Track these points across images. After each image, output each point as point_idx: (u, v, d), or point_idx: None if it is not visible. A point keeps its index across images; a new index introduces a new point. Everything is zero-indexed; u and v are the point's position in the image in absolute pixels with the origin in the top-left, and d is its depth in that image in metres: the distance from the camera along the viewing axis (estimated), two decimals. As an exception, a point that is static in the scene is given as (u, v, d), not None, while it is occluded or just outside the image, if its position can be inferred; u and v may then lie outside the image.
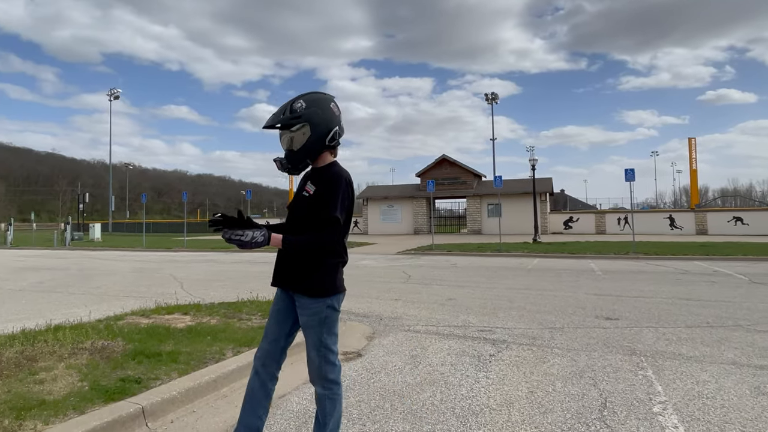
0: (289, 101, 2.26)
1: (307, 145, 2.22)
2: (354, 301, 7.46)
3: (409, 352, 4.59)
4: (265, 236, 2.07)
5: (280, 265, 2.31)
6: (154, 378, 3.42)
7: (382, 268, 12.62)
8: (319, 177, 2.25)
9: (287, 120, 2.21)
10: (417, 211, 35.43)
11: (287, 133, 2.23)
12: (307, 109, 2.22)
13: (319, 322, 2.22)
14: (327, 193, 2.18)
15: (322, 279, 2.21)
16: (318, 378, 2.27)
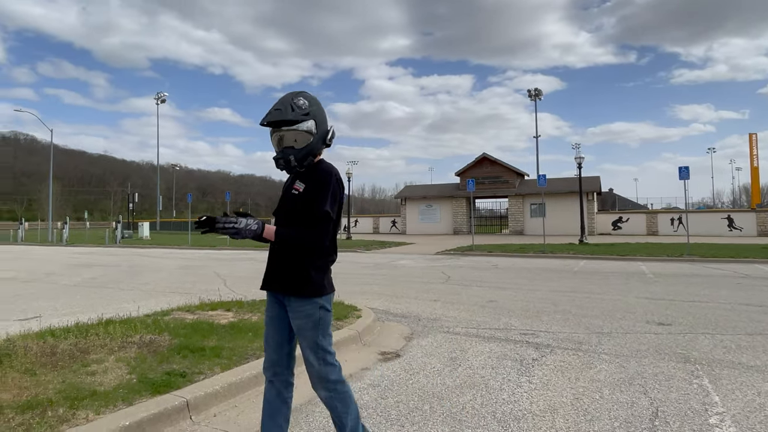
0: (288, 98, 2.20)
1: (313, 143, 2.20)
2: (391, 301, 7.47)
3: (449, 354, 4.55)
4: (259, 225, 2.07)
5: (271, 267, 2.27)
6: (198, 372, 3.55)
7: (420, 269, 12.58)
8: (309, 174, 2.22)
9: (298, 116, 2.16)
10: (456, 210, 35.09)
11: (291, 131, 2.17)
12: (312, 107, 2.20)
13: (313, 325, 2.18)
14: (317, 190, 2.16)
15: (312, 279, 2.18)
16: (319, 381, 2.21)
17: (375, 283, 9.66)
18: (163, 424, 2.88)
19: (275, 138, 2.22)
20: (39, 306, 7.31)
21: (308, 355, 2.20)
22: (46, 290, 9.17)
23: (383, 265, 13.74)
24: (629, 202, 54.24)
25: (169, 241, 28.56)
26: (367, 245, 21.25)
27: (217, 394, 3.27)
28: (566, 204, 30.65)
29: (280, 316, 2.29)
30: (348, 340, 4.78)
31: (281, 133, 2.19)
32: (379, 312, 6.51)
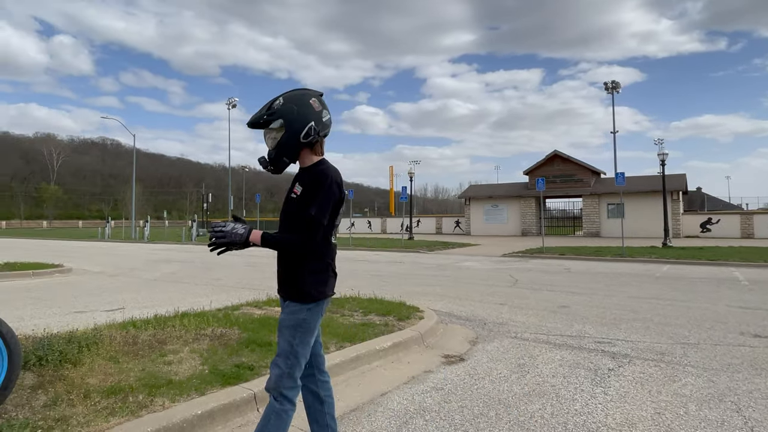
0: (271, 100, 2.24)
1: (282, 142, 2.17)
2: (455, 303, 7.38)
3: (516, 360, 4.42)
4: (246, 229, 2.08)
5: (277, 272, 2.28)
6: (265, 366, 3.70)
7: (485, 271, 12.32)
8: (305, 177, 2.21)
9: (261, 118, 2.18)
10: (525, 211, 34.01)
11: (269, 132, 2.20)
12: (283, 106, 2.18)
13: (294, 324, 2.13)
14: (309, 193, 2.14)
15: (303, 283, 2.14)
16: (274, 388, 2.10)
17: (437, 285, 9.59)
18: (233, 415, 3.04)
19: (265, 140, 2.25)
20: (123, 298, 7.98)
21: (278, 357, 2.13)
22: (130, 284, 9.99)
23: (446, 266, 13.61)
24: (720, 201, 49.83)
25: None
26: (430, 246, 21.15)
27: (282, 389, 3.39)
28: (647, 204, 28.74)
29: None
30: (410, 341, 4.78)
31: (265, 135, 2.23)
32: (442, 314, 6.46)
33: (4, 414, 2.71)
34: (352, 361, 4.05)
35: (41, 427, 2.58)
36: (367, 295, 7.07)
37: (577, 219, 34.98)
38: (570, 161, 33.54)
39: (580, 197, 33.12)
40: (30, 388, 3.08)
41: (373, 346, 4.39)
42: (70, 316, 6.34)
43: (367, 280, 10.41)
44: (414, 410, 3.25)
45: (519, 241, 26.29)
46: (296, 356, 2.12)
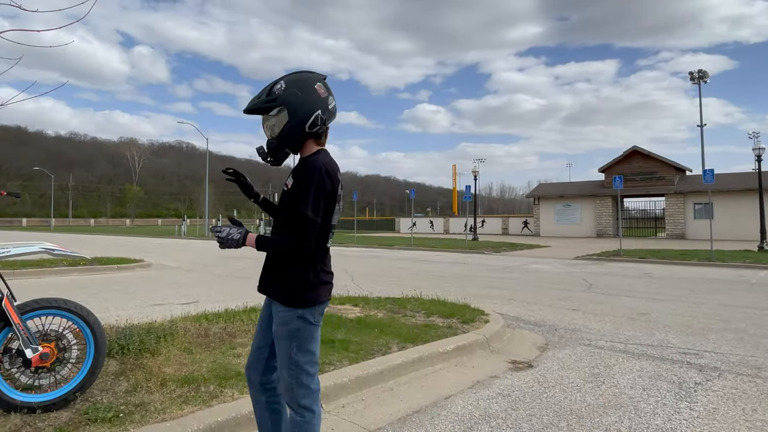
0: (267, 86, 2.07)
1: (284, 132, 2.01)
2: (523, 307, 7.15)
3: (590, 369, 4.20)
4: (241, 234, 1.98)
5: (263, 269, 2.16)
6: (328, 363, 3.79)
7: (556, 274, 11.85)
8: (298, 169, 2.06)
9: (262, 104, 2.02)
10: (600, 211, 32.34)
11: (268, 119, 2.04)
12: (285, 91, 2.00)
13: (288, 335, 2.00)
14: (299, 188, 1.97)
15: (294, 286, 2.00)
16: (290, 400, 2.03)
17: (504, 288, 9.35)
18: (296, 409, 3.12)
19: (263, 127, 2.10)
20: (197, 292, 8.49)
21: (281, 368, 2.04)
22: (203, 279, 10.61)
23: (513, 268, 13.24)
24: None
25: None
26: (495, 247, 20.67)
27: (345, 386, 3.45)
28: (740, 204, 26.36)
29: (268, 316, 2.16)
30: (475, 344, 4.69)
31: (264, 122, 2.07)
32: (508, 318, 6.28)
33: (91, 398, 2.97)
34: (414, 363, 4.04)
35: (123, 411, 2.79)
36: (429, 296, 7.03)
37: (659, 220, 32.75)
38: (651, 157, 31.47)
39: (662, 196, 31.00)
40: (113, 375, 3.35)
41: (436, 348, 4.35)
42: (150, 308, 6.83)
43: (429, 281, 10.36)
44: (479, 416, 3.19)
45: (593, 242, 25.05)
46: (298, 364, 1.99)
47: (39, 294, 3.41)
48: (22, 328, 2.75)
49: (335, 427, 3.00)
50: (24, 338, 2.75)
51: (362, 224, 50.81)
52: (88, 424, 2.62)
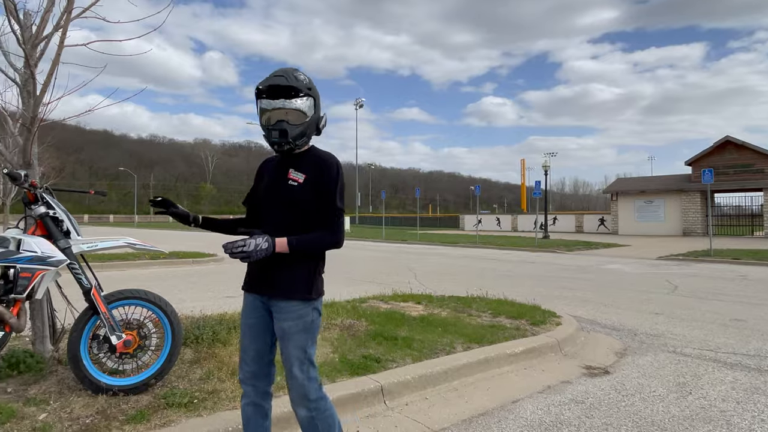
0: (288, 70, 2.01)
1: (309, 124, 2.02)
2: (598, 310, 6.81)
3: (675, 378, 3.92)
4: (269, 242, 1.88)
5: (258, 267, 2.06)
6: (391, 360, 3.81)
7: (636, 275, 11.18)
8: (311, 163, 2.04)
9: (302, 87, 1.97)
10: (687, 207, 30.08)
11: (286, 103, 1.96)
12: (312, 85, 2.04)
13: (304, 328, 2.00)
14: (328, 182, 1.99)
15: (310, 278, 2.02)
16: (302, 400, 2.00)
17: (577, 288, 8.95)
18: (361, 404, 3.18)
19: (267, 113, 2.01)
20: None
21: (293, 364, 1.99)
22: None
23: (588, 268, 12.64)
24: None
25: (366, 234, 31.44)
26: (568, 245, 19.84)
27: (408, 384, 3.46)
28: None
29: (262, 322, 2.10)
30: (545, 347, 4.53)
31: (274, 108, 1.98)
32: (583, 321, 6.01)
33: (168, 383, 3.18)
34: (480, 364, 3.96)
35: (197, 397, 2.96)
36: (495, 296, 6.87)
37: (756, 217, 29.89)
38: (746, 148, 28.79)
39: (760, 191, 28.25)
40: (188, 363, 3.57)
41: (504, 349, 4.24)
42: (222, 300, 7.21)
43: (496, 280, 10.13)
44: (550, 422, 3.07)
45: (679, 241, 23.36)
46: (310, 359, 2.02)
47: (123, 285, 3.70)
48: (108, 316, 3.00)
49: (399, 425, 3.01)
50: (110, 326, 3.00)
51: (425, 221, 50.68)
52: (166, 408, 2.81)
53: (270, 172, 2.15)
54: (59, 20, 3.27)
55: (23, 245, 2.82)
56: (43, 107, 3.44)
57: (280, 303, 2.02)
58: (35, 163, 3.55)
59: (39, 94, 3.31)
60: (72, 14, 3.25)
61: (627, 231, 32.15)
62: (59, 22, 3.27)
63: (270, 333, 2.10)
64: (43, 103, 3.39)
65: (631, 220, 32.47)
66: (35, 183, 3.04)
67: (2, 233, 2.90)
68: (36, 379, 3.14)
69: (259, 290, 2.07)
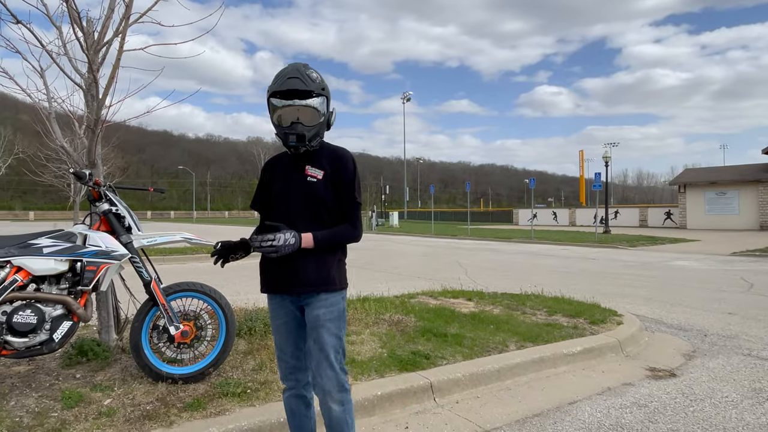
0: (301, 68, 1.99)
1: (323, 123, 2.04)
2: (664, 309, 6.47)
3: (750, 383, 3.66)
4: (296, 237, 1.94)
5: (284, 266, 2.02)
6: (441, 357, 3.78)
7: (707, 272, 10.52)
8: (327, 158, 2.07)
9: (317, 89, 1.98)
10: (765, 199, 27.96)
11: (299, 106, 1.97)
12: (323, 83, 2.02)
13: (338, 315, 2.05)
14: (347, 177, 2.05)
15: (339, 268, 2.09)
16: (337, 391, 1.99)
17: (640, 286, 8.53)
18: (410, 400, 3.17)
19: (279, 111, 2.00)
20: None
21: (329, 354, 1.99)
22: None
23: (653, 264, 12.02)
24: None
25: (415, 229, 31.41)
26: (631, 241, 18.94)
27: (458, 382, 3.42)
28: None
29: (292, 318, 2.11)
30: (605, 348, 4.35)
31: (286, 108, 1.99)
32: (646, 320, 5.72)
33: (223, 373, 3.31)
34: (535, 363, 3.86)
35: (250, 387, 3.07)
36: (551, 293, 6.67)
37: None
38: (838, 133, 26.36)
39: None
40: (242, 353, 3.70)
41: (560, 349, 4.11)
42: (273, 295, 7.42)
43: (552, 277, 9.84)
44: (609, 425, 2.95)
45: (755, 236, 21.77)
46: (343, 347, 2.08)
47: (182, 278, 3.88)
48: (167, 308, 3.16)
49: (449, 423, 2.98)
50: (168, 317, 3.15)
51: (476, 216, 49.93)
52: (221, 397, 2.93)
53: (283, 171, 2.14)
54: (118, 26, 3.46)
55: (89, 240, 3.01)
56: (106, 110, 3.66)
57: (320, 296, 2.04)
58: (99, 162, 3.78)
59: (101, 98, 3.52)
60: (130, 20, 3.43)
61: (696, 225, 30.32)
62: (118, 28, 3.45)
63: (303, 326, 2.12)
64: (105, 105, 3.60)
65: (700, 214, 30.58)
66: (99, 181, 3.23)
67: (70, 229, 3.11)
68: (102, 366, 3.36)
69: (287, 287, 2.06)
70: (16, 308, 2.77)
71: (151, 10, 3.59)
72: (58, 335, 2.83)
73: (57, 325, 2.83)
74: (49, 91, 4.09)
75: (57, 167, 12.63)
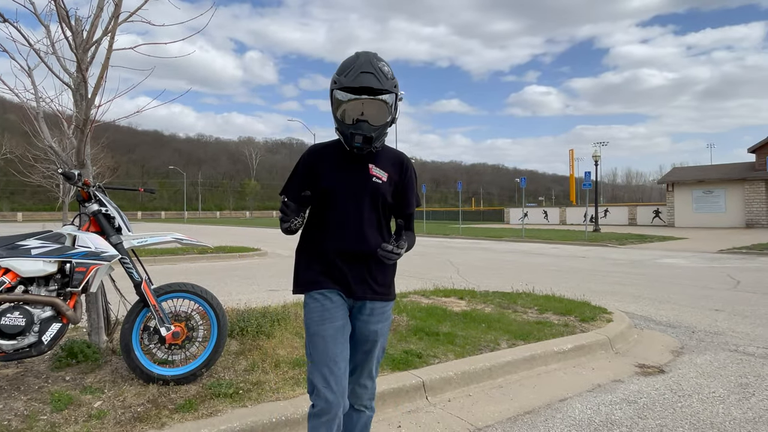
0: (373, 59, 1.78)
1: (390, 123, 1.87)
2: (653, 306, 6.53)
3: (737, 378, 3.71)
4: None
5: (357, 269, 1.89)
6: (433, 356, 3.79)
7: (695, 269, 10.64)
8: (388, 161, 1.96)
9: (391, 86, 1.78)
10: (750, 197, 28.32)
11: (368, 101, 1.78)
12: (395, 77, 1.83)
13: (389, 327, 2.04)
14: (410, 183, 1.99)
15: (393, 277, 2.02)
16: (370, 400, 2.02)
17: (630, 284, 8.60)
18: (402, 399, 3.17)
19: (342, 104, 1.81)
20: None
21: (374, 366, 2.00)
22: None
23: (642, 262, 12.13)
24: None
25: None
26: (620, 239, 19.10)
27: (450, 380, 3.43)
28: None
29: (346, 325, 1.91)
30: (595, 345, 4.38)
31: (354, 102, 1.79)
32: (635, 317, 5.77)
33: (215, 374, 3.29)
34: (526, 361, 3.88)
35: (242, 388, 3.05)
36: (542, 291, 6.71)
37: (833, 207, 27.79)
38: (821, 132, 26.75)
39: (837, 179, 26.25)
40: (234, 354, 3.68)
41: (551, 347, 4.13)
42: (265, 294, 7.39)
43: (543, 275, 9.89)
44: (600, 422, 2.97)
45: (742, 234, 22.04)
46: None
47: (173, 279, 3.85)
48: (158, 309, 3.13)
49: (441, 421, 2.99)
50: (159, 318, 3.13)
51: (467, 215, 50.07)
52: (213, 398, 2.91)
53: (339, 164, 1.92)
54: (108, 25, 3.42)
55: (78, 241, 2.98)
56: (95, 109, 3.62)
57: (377, 304, 1.93)
58: (88, 163, 3.74)
59: (90, 97, 3.48)
60: (119, 18, 3.39)
61: (684, 223, 30.64)
62: (108, 27, 3.42)
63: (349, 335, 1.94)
64: (94, 105, 3.56)
65: (688, 212, 30.91)
66: (88, 182, 3.19)
67: (59, 230, 3.08)
68: (92, 368, 3.32)
69: (353, 291, 1.89)
70: (4, 310, 2.73)
71: (141, 9, 3.56)
72: (47, 337, 2.79)
73: (46, 327, 2.79)
74: (37, 91, 4.04)
75: (45, 168, 12.50)
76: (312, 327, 1.87)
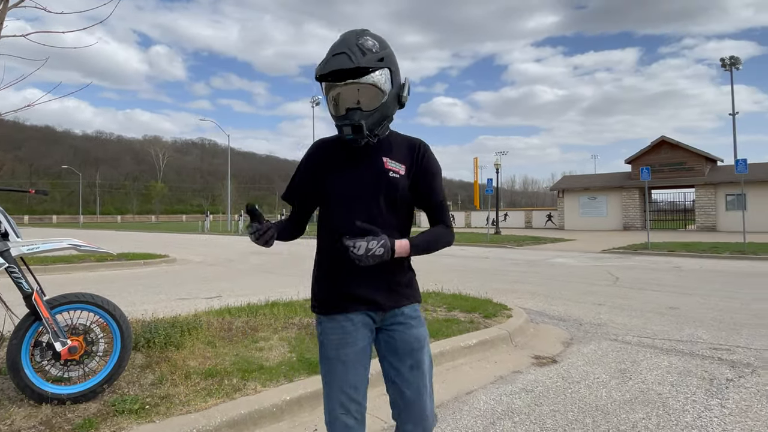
0: (352, 38, 1.54)
1: (387, 103, 1.57)
2: (547, 302, 7.06)
3: (616, 364, 4.13)
4: (386, 246, 1.48)
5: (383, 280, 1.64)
6: (349, 357, 3.80)
7: (581, 268, 11.66)
8: (404, 150, 1.68)
9: (371, 62, 1.49)
10: (627, 203, 31.67)
11: (354, 85, 1.53)
12: (385, 50, 1.55)
13: (427, 335, 1.73)
14: (437, 171, 1.71)
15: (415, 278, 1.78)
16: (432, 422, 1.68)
17: (527, 282, 9.24)
18: (318, 403, 3.15)
19: (332, 96, 1.58)
20: (220, 287, 8.63)
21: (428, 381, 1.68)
22: (226, 273, 10.78)
23: (537, 262, 13.08)
24: None
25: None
26: (518, 241, 20.45)
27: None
28: (778, 194, 25.41)
29: (370, 344, 1.71)
30: (498, 339, 4.65)
31: (339, 89, 1.55)
32: (532, 313, 6.21)
33: (118, 390, 3.05)
34: (436, 357, 4.02)
35: (149, 403, 2.85)
36: (450, 290, 6.99)
37: (689, 212, 31.89)
38: (679, 147, 30.63)
39: (692, 187, 30.17)
40: (140, 367, 3.43)
41: (458, 342, 4.33)
42: (174, 302, 6.97)
43: (450, 275, 10.31)
44: (502, 411, 3.16)
45: (620, 236, 24.56)
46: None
47: (68, 289, 3.51)
48: (52, 322, 2.84)
49: (356, 421, 3.01)
50: (53, 332, 2.84)
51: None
52: (116, 415, 2.69)
53: (348, 159, 1.65)
54: (-7, 10, 3.06)
55: (-45, 250, 2.62)
56: (-24, 103, 3.20)
57: (405, 309, 1.67)
58: (-33, 162, 3.30)
59: (-29, 89, 3.09)
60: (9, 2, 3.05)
61: (572, 226, 33.48)
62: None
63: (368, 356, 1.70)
64: (-25, 98, 3.15)
65: (576, 216, 33.84)
66: (-32, 183, 2.83)
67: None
68: (-29, 391, 2.93)
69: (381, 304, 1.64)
70: None
71: (35, -4, 3.22)
72: None
73: None
74: None
75: None
76: (330, 351, 1.64)
